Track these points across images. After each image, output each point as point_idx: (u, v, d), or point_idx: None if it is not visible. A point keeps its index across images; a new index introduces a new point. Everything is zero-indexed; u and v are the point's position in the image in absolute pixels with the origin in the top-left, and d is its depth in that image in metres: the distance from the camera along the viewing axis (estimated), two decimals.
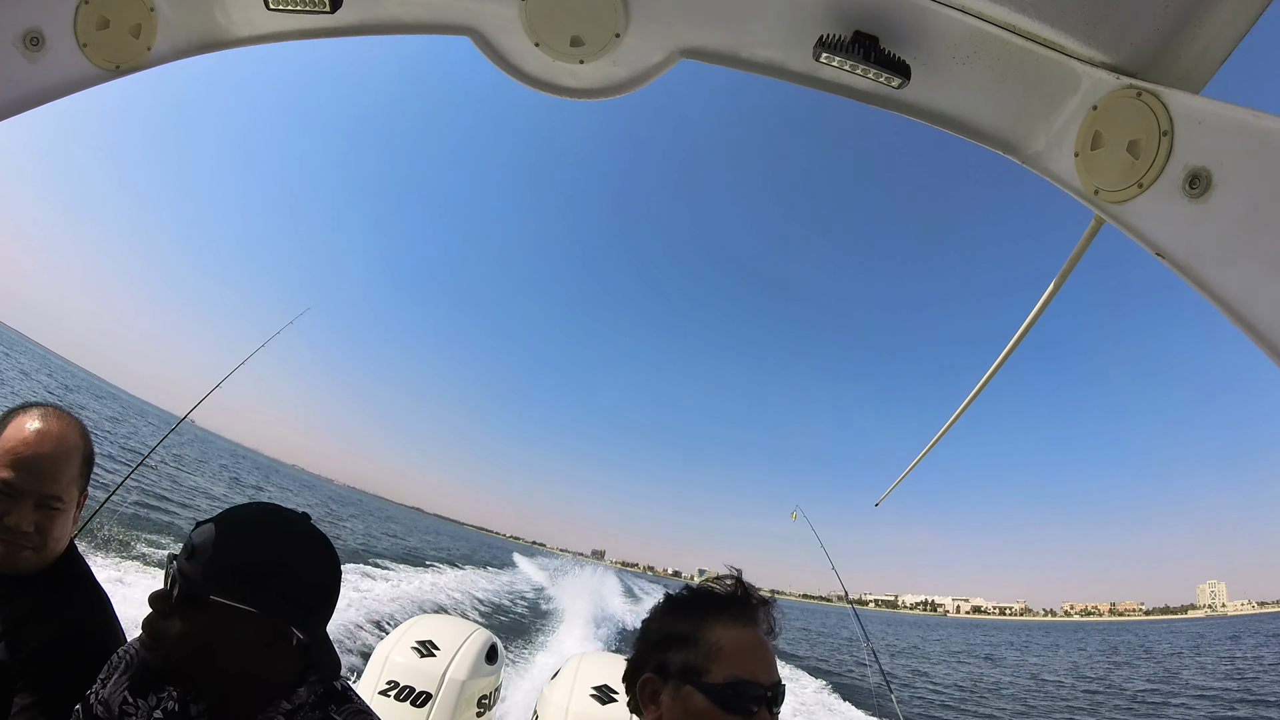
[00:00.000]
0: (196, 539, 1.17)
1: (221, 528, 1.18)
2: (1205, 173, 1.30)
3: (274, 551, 1.21)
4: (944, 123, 1.74)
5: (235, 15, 1.97)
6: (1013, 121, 1.68)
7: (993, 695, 21.42)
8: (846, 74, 1.69)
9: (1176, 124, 1.35)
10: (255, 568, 1.17)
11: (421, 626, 3.44)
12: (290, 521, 1.26)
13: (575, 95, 1.99)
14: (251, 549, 1.19)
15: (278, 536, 1.23)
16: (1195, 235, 1.34)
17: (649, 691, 1.16)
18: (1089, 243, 1.65)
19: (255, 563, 1.18)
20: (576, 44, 1.83)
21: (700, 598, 1.21)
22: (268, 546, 1.20)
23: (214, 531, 1.17)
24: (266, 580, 1.18)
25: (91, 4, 1.83)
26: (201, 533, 1.18)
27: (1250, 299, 1.28)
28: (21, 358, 64.44)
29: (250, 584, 1.16)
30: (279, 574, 1.19)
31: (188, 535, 1.20)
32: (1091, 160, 1.52)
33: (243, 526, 1.20)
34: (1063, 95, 1.56)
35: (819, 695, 15.82)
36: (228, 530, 1.18)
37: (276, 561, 1.20)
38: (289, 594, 1.20)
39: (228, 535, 1.17)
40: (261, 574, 1.17)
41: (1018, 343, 1.89)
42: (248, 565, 1.17)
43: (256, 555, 1.18)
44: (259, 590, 1.16)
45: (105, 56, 1.89)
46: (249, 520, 1.22)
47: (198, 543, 1.16)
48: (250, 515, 1.24)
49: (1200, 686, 26.26)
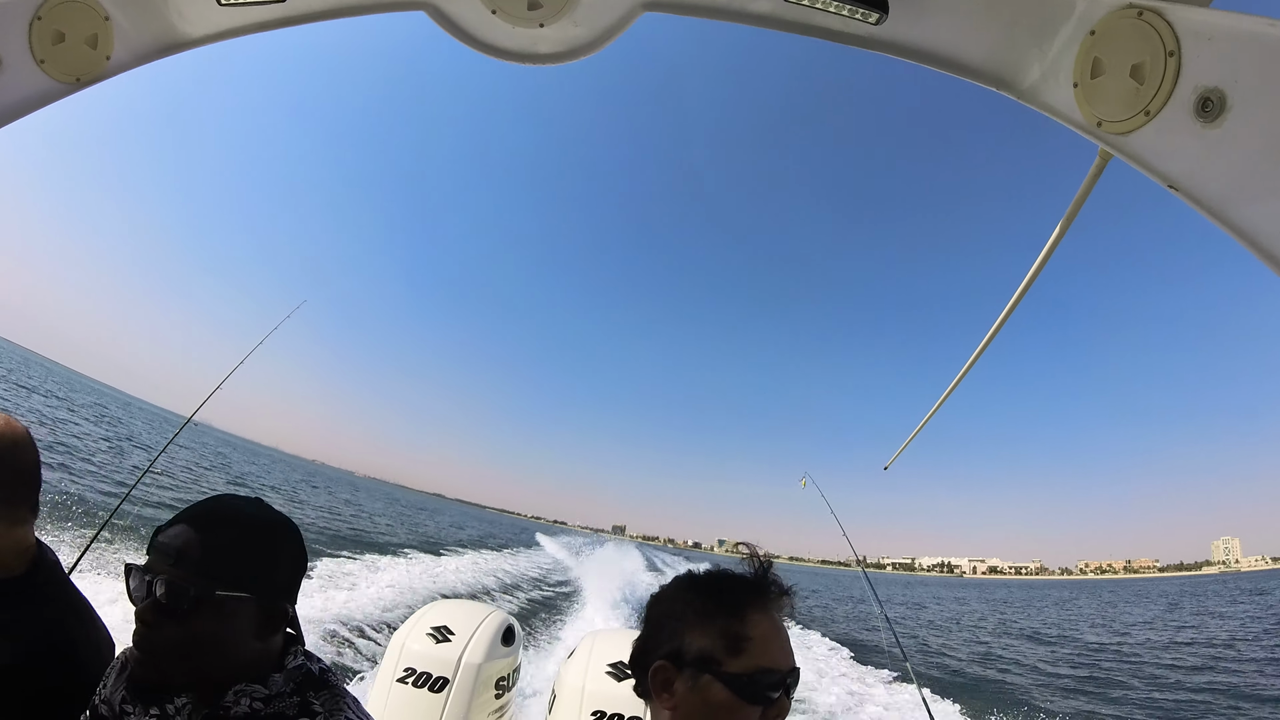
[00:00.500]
0: (174, 542, 1.18)
1: (198, 525, 1.20)
2: (1218, 94, 1.17)
3: (258, 536, 1.25)
4: (929, 59, 1.60)
5: (190, 15, 1.92)
6: (1003, 54, 1.53)
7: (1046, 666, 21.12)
8: (819, 12, 1.57)
9: (1184, 42, 1.22)
10: (248, 554, 1.21)
11: (436, 612, 3.46)
12: (256, 505, 1.30)
13: (539, 61, 1.90)
14: (238, 538, 1.21)
15: (255, 522, 1.26)
16: (1210, 163, 1.22)
17: (661, 679, 1.09)
18: (1095, 179, 1.52)
19: (246, 550, 1.21)
20: (534, 7, 1.74)
21: (719, 583, 1.14)
22: (251, 532, 1.24)
23: (193, 531, 1.19)
24: (260, 563, 1.23)
25: (45, 19, 1.80)
26: (176, 535, 1.19)
27: (1275, 230, 1.16)
28: (10, 364, 65.43)
29: (247, 571, 1.20)
30: (268, 555, 1.25)
31: (155, 541, 1.20)
32: (1092, 89, 1.38)
33: (219, 519, 1.23)
34: (1056, 20, 1.42)
35: (833, 657, 15.61)
36: (207, 525, 1.20)
37: (263, 544, 1.25)
38: (280, 572, 1.27)
39: (211, 530, 1.20)
40: (254, 559, 1.22)
41: (1024, 293, 1.76)
42: (241, 554, 1.20)
43: (245, 542, 1.22)
44: (256, 575, 1.21)
45: (64, 70, 1.87)
46: (221, 512, 1.24)
47: (179, 545, 1.17)
48: (217, 507, 1.26)
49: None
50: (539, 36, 1.82)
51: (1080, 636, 28.72)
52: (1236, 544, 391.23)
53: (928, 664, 18.90)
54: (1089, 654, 23.42)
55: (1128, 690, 16.84)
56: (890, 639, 4.73)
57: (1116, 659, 22.16)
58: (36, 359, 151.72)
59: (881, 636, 6.39)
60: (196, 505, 1.25)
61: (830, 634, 20.02)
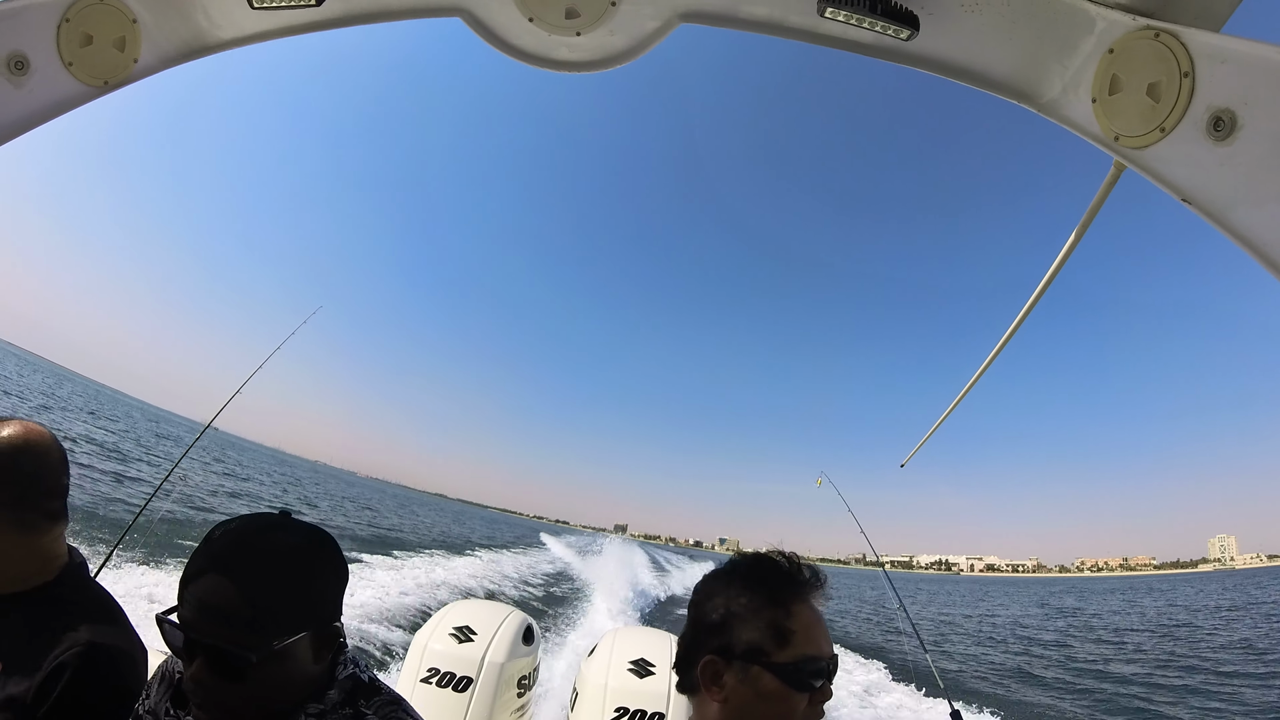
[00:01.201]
0: (217, 600, 1.08)
1: (237, 574, 1.09)
2: (1229, 114, 1.26)
3: (302, 569, 1.17)
4: (955, 73, 1.69)
5: (219, 18, 1.91)
6: (1026, 69, 1.63)
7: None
8: (853, 28, 1.64)
9: (1197, 64, 1.31)
10: (297, 594, 1.15)
11: (457, 612, 3.48)
12: (288, 529, 1.19)
13: (573, 69, 1.93)
14: (283, 580, 1.13)
15: (295, 553, 1.17)
16: (1221, 178, 1.31)
17: (711, 673, 1.13)
18: (1110, 190, 1.62)
19: (294, 590, 1.14)
20: (572, 15, 1.78)
21: (760, 575, 1.18)
22: (294, 568, 1.15)
23: (233, 584, 1.08)
24: (310, 598, 1.17)
25: (73, 22, 1.78)
26: (217, 591, 1.08)
27: (1277, 239, 1.26)
28: (37, 376, 64.57)
29: (300, 612, 1.14)
30: (315, 587, 1.18)
31: (192, 597, 1.09)
32: (1110, 105, 1.48)
33: (257, 560, 1.12)
34: (1076, 39, 1.51)
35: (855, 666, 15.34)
36: (247, 572, 1.10)
37: (309, 577, 1.18)
38: (329, 598, 1.21)
39: (253, 578, 1.10)
40: (304, 597, 1.16)
41: (1040, 295, 1.87)
42: (290, 597, 1.13)
43: (292, 583, 1.14)
44: (309, 612, 1.16)
45: (92, 73, 1.85)
46: (256, 550, 1.13)
47: (223, 604, 1.07)
48: (250, 544, 1.14)
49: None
50: (575, 44, 1.86)
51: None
52: (1233, 541, 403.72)
53: (956, 671, 18.66)
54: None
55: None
56: (911, 639, 4.82)
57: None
58: (30, 357, 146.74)
59: (904, 641, 6.39)
60: (226, 542, 1.14)
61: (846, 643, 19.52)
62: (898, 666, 14.69)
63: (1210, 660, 20.47)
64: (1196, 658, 21.10)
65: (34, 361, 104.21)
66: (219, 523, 1.18)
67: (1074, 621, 35.96)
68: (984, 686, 16.60)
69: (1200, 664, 19.81)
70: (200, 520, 16.94)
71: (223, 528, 1.16)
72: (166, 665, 1.35)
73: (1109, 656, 22.38)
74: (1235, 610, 39.19)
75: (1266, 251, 1.28)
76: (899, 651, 15.98)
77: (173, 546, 11.46)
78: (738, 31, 1.81)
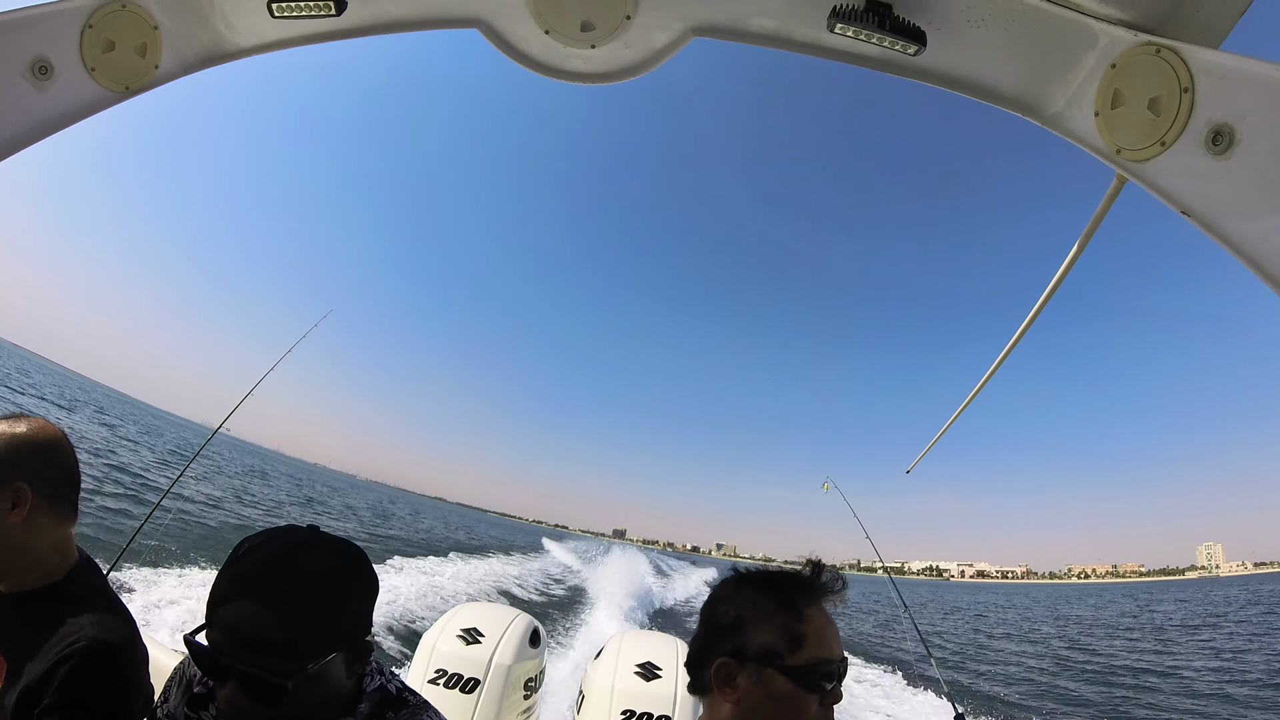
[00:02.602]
0: (249, 627, 1.05)
1: (269, 599, 1.07)
2: (1228, 129, 1.30)
3: (334, 589, 1.14)
4: (961, 87, 1.73)
5: (239, 26, 1.95)
6: (1030, 83, 1.67)
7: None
8: (862, 43, 1.68)
9: (1197, 80, 1.35)
10: (330, 616, 1.13)
11: (465, 614, 3.49)
12: (316, 545, 1.16)
13: (587, 80, 1.97)
14: (317, 602, 1.11)
15: (327, 573, 1.14)
16: (1219, 192, 1.35)
17: (725, 674, 1.15)
18: (1112, 202, 1.67)
19: (328, 611, 1.12)
20: (587, 28, 1.82)
21: (774, 579, 1.22)
22: (327, 588, 1.13)
23: (265, 609, 1.06)
24: (343, 618, 1.15)
25: (96, 27, 1.81)
26: (248, 617, 1.05)
27: (1275, 253, 1.30)
28: (39, 375, 64.60)
29: (333, 633, 1.13)
30: (348, 606, 1.17)
31: (222, 620, 1.07)
32: (1112, 119, 1.52)
33: (288, 583, 1.09)
34: (1080, 54, 1.56)
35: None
36: (279, 596, 1.07)
37: (341, 596, 1.16)
38: (362, 615, 1.20)
39: (286, 603, 1.07)
40: (337, 617, 1.14)
41: (1044, 304, 1.91)
42: (324, 619, 1.11)
43: (325, 604, 1.12)
44: (342, 632, 1.15)
45: (114, 78, 1.89)
46: (287, 572, 1.10)
47: (255, 631, 1.05)
48: (281, 565, 1.11)
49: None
50: (590, 57, 1.90)
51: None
52: (1220, 549, 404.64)
53: (959, 675, 18.59)
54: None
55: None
56: (917, 645, 4.84)
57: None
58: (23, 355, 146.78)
59: (908, 645, 6.41)
60: (255, 562, 1.11)
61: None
62: (902, 670, 14.80)
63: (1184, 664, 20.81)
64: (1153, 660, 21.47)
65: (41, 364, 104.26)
66: (245, 539, 1.16)
67: (1071, 627, 36.21)
68: (989, 688, 16.71)
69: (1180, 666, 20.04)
70: (197, 523, 16.85)
71: (249, 544, 1.14)
72: (184, 668, 1.36)
73: (1104, 659, 22.59)
74: (1194, 619, 39.84)
75: (1262, 263, 1.32)
76: (903, 655, 16.07)
77: (179, 550, 11.54)
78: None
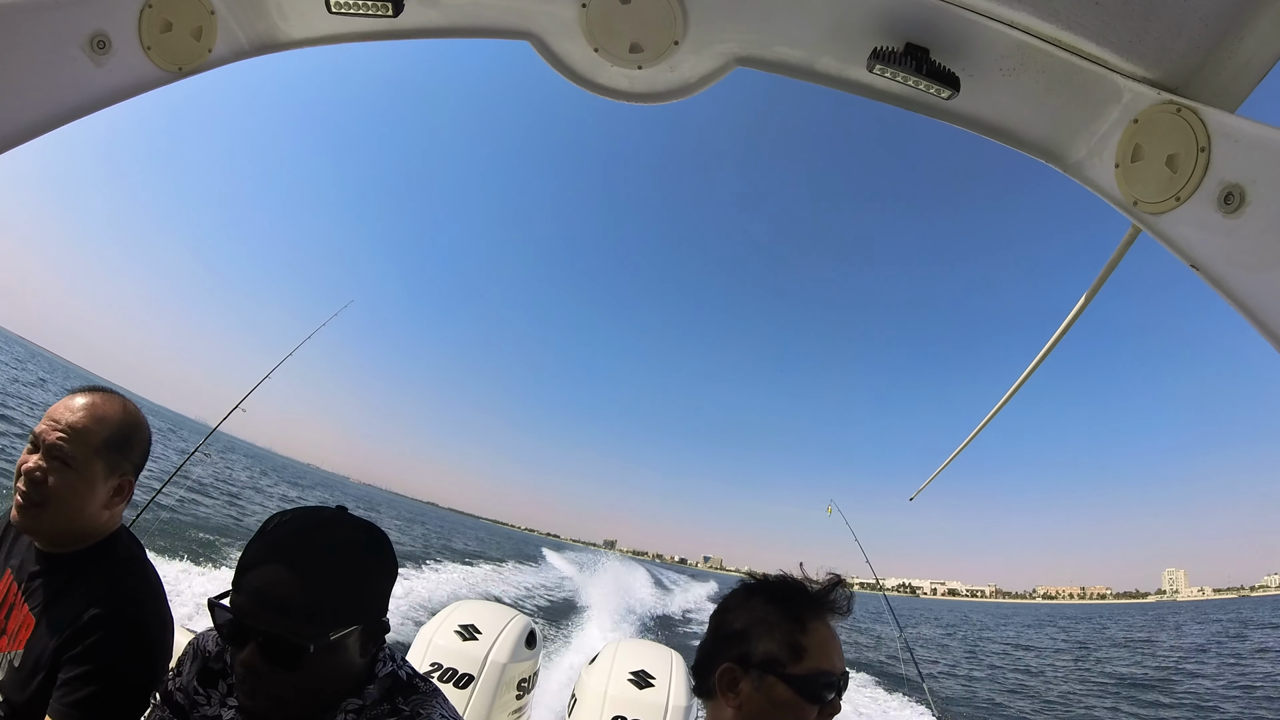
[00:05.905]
0: (276, 590, 1.10)
1: (296, 564, 1.12)
2: (1239, 190, 1.38)
3: (359, 564, 1.20)
4: (990, 132, 1.82)
5: (295, 17, 1.99)
6: (1056, 131, 1.76)
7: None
8: (898, 84, 1.76)
9: (1214, 140, 1.43)
10: (354, 588, 1.18)
11: (464, 611, 3.51)
12: (343, 524, 1.22)
13: (630, 99, 2.04)
14: (342, 573, 1.16)
15: (353, 548, 1.20)
16: (1228, 249, 1.42)
17: (728, 680, 1.21)
18: (1125, 250, 1.75)
19: (351, 583, 1.17)
20: (635, 50, 1.88)
21: (782, 592, 1.27)
22: (352, 562, 1.19)
23: (292, 573, 1.11)
24: (365, 593, 1.20)
25: (155, 7, 1.85)
26: (276, 581, 1.10)
27: (1277, 309, 1.38)
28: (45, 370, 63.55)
29: (356, 606, 1.17)
30: (371, 582, 1.22)
31: (249, 585, 1.11)
32: (1131, 172, 1.60)
33: (316, 552, 1.15)
34: (1104, 107, 1.64)
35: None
36: (306, 563, 1.13)
37: (365, 572, 1.21)
38: (382, 594, 1.25)
39: (312, 569, 1.13)
40: (360, 591, 1.19)
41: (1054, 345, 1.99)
42: (348, 590, 1.16)
43: (349, 576, 1.17)
44: (363, 606, 1.19)
45: (168, 59, 1.92)
46: (315, 542, 1.16)
47: (282, 594, 1.10)
48: (310, 536, 1.17)
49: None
50: (636, 77, 1.96)
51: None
52: (1182, 575, 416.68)
53: (948, 691, 19.23)
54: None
55: None
56: (909, 664, 4.90)
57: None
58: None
59: (901, 665, 6.54)
60: (285, 532, 1.17)
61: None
62: (891, 683, 15.07)
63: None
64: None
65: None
66: (275, 513, 1.22)
67: (1053, 646, 37.30)
68: (972, 703, 17.03)
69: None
70: (190, 519, 16.79)
71: (279, 519, 1.20)
72: (197, 643, 1.38)
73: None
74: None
75: (1263, 318, 1.40)
76: (893, 670, 16.35)
77: (176, 540, 11.68)
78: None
